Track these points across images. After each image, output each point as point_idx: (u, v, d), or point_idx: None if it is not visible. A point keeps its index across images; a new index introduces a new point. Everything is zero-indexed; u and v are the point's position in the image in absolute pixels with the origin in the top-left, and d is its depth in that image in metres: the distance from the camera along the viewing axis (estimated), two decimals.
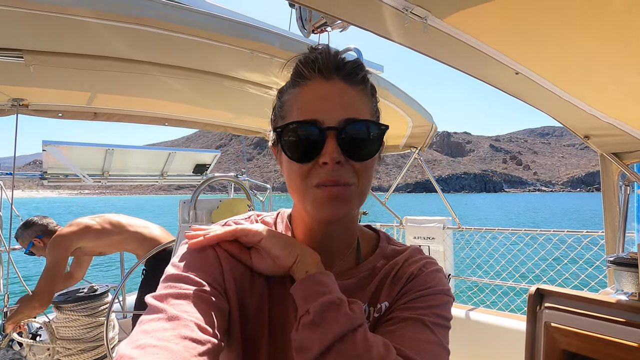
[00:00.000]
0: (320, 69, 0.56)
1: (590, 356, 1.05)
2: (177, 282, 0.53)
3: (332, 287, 0.54)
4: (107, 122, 2.40)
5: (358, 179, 0.56)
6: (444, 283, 0.62)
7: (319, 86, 0.56)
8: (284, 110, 0.60)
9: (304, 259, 0.58)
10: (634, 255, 1.37)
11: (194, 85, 1.91)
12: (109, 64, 1.58)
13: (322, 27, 1.18)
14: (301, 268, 0.57)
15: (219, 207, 2.19)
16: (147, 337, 0.44)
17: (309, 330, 0.50)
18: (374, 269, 0.65)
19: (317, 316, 0.50)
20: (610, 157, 1.93)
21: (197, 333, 0.47)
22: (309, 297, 0.53)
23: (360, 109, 0.57)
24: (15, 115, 2.08)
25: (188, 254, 0.58)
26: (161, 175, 3.60)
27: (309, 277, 0.55)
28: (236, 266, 0.60)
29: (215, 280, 0.56)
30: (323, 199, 0.54)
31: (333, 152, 0.53)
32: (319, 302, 0.51)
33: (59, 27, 1.27)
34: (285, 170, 0.60)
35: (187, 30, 1.31)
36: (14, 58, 1.44)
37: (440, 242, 3.10)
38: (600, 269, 2.72)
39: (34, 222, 2.52)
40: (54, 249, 2.29)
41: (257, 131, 2.99)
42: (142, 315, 0.50)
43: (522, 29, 0.91)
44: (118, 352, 0.43)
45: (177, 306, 0.49)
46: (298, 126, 0.55)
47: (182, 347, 0.44)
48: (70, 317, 2.44)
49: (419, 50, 1.01)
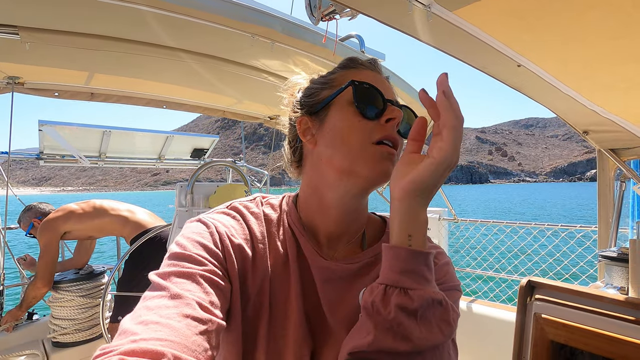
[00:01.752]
0: (370, 64, 0.66)
1: (577, 347, 1.08)
2: (180, 260, 0.53)
3: (432, 277, 0.48)
4: (104, 102, 2.37)
5: (401, 150, 0.61)
6: (454, 277, 0.61)
7: (372, 73, 0.64)
8: (337, 81, 0.64)
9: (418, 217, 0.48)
10: (625, 251, 1.40)
11: (193, 68, 1.88)
12: (107, 44, 1.55)
13: (330, 14, 1.17)
14: (408, 222, 0.48)
15: (216, 192, 2.19)
16: (150, 313, 0.45)
17: (405, 318, 0.45)
18: (379, 255, 0.63)
19: (421, 310, 0.45)
20: (607, 153, 1.94)
21: (199, 312, 0.47)
22: (413, 274, 0.46)
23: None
24: (10, 93, 2.06)
25: (192, 232, 0.59)
26: (158, 158, 3.58)
27: (421, 253, 0.47)
28: (238, 246, 0.60)
29: (217, 260, 0.56)
30: (381, 154, 0.58)
31: (399, 111, 0.60)
32: (428, 294, 0.45)
33: (55, 4, 1.25)
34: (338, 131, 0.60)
35: (188, 12, 1.29)
36: (9, 35, 1.41)
37: (436, 233, 3.13)
38: (592, 263, 2.76)
39: (33, 206, 2.66)
40: (42, 233, 2.42)
41: (256, 117, 2.97)
42: (145, 292, 0.50)
43: (526, 21, 0.90)
44: (121, 327, 0.44)
45: (179, 284, 0.50)
46: (371, 87, 0.60)
47: (184, 325, 0.44)
48: (65, 297, 2.47)
49: (422, 39, 1.00)
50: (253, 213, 0.66)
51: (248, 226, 0.64)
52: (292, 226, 0.65)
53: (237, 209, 0.66)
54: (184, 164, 3.82)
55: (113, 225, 2.59)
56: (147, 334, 0.41)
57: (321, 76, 0.69)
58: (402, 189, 0.48)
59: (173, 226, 2.11)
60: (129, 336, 0.41)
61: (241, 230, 0.62)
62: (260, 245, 0.62)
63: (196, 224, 0.61)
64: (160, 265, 0.54)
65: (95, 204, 2.60)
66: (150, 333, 0.42)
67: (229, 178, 3.77)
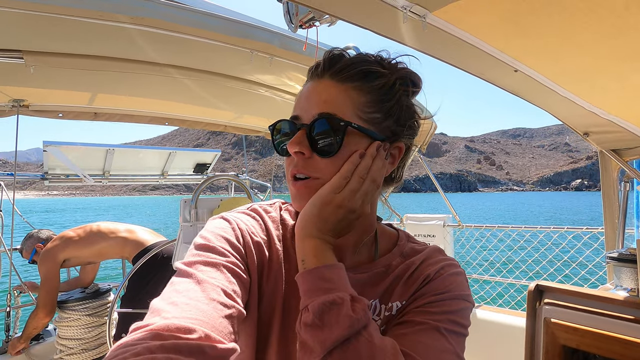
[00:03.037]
0: (315, 72, 0.60)
1: (589, 351, 1.06)
2: (205, 251, 0.55)
3: (336, 283, 0.51)
4: (108, 122, 2.41)
5: (323, 174, 0.57)
6: (464, 287, 0.60)
7: (310, 85, 0.60)
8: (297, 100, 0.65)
9: (304, 245, 0.55)
10: (633, 251, 1.38)
11: (194, 84, 1.91)
12: (109, 64, 1.59)
13: (310, 21, 1.17)
14: (299, 252, 0.55)
15: (219, 207, 2.19)
16: (179, 295, 0.47)
17: (309, 331, 0.48)
18: (389, 266, 0.64)
19: (316, 317, 0.48)
20: (609, 154, 1.93)
21: (223, 297, 0.49)
22: (310, 292, 0.51)
23: (339, 104, 0.56)
24: (15, 116, 2.09)
25: (215, 227, 0.61)
26: (162, 174, 3.61)
27: (309, 271, 0.52)
28: (257, 244, 0.62)
29: (239, 253, 0.58)
30: (295, 193, 0.59)
31: (295, 142, 0.56)
32: (319, 302, 0.49)
33: (58, 28, 1.28)
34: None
35: (187, 30, 1.32)
36: (14, 59, 1.44)
37: (441, 239, 3.11)
38: (600, 265, 2.72)
39: (33, 234, 2.69)
40: (42, 263, 2.42)
41: (258, 130, 3.00)
42: (172, 277, 0.53)
43: (521, 26, 0.91)
44: (152, 306, 0.46)
45: (205, 272, 0.52)
46: (280, 123, 0.62)
47: (212, 308, 0.47)
48: (72, 317, 2.46)
49: (418, 49, 1.01)
50: (271, 217, 0.68)
51: (266, 228, 0.65)
52: None
53: (257, 211, 0.68)
54: (187, 179, 3.84)
55: (112, 249, 2.57)
56: (178, 313, 0.44)
57: None
58: (296, 226, 0.57)
59: (178, 241, 2.11)
60: (161, 313, 0.44)
61: (260, 230, 0.65)
62: (276, 247, 0.64)
63: (219, 221, 0.63)
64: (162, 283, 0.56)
65: (92, 229, 2.57)
66: (180, 312, 0.44)
67: (231, 191, 3.78)
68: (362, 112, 0.58)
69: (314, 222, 0.55)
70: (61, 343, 2.46)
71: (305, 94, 0.60)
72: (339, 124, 0.56)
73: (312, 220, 0.55)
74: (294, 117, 0.60)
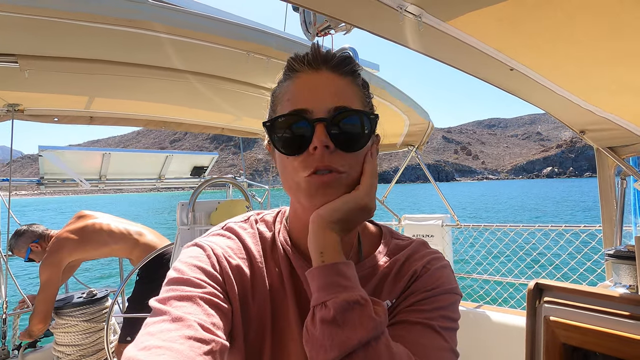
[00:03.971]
0: (309, 61, 0.57)
1: (590, 349, 1.06)
2: (179, 285, 0.53)
3: (354, 282, 0.50)
4: (103, 125, 2.39)
5: (350, 168, 0.55)
6: (451, 280, 0.60)
7: (308, 77, 0.57)
8: (275, 104, 0.60)
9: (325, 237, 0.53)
10: (631, 248, 1.39)
11: (190, 87, 1.90)
12: (104, 68, 1.58)
13: (325, 30, 1.18)
14: (317, 243, 0.52)
15: (217, 209, 2.18)
16: (152, 338, 0.45)
17: (328, 329, 0.46)
18: (375, 266, 0.63)
19: (338, 315, 0.46)
20: (606, 152, 1.94)
21: (201, 332, 0.47)
22: (328, 287, 0.49)
23: (350, 98, 0.57)
24: (10, 120, 2.08)
25: (189, 257, 0.58)
26: (159, 178, 3.59)
27: (329, 266, 0.50)
28: (237, 267, 0.60)
29: (216, 282, 0.56)
30: (315, 186, 0.54)
31: (322, 135, 0.53)
32: (342, 299, 0.47)
33: (53, 32, 1.27)
34: (280, 167, 0.59)
35: (183, 33, 1.31)
36: (8, 63, 1.43)
37: (439, 239, 3.11)
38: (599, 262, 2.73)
39: (24, 230, 2.52)
40: (45, 268, 2.31)
41: (255, 132, 2.99)
42: (147, 319, 0.50)
43: (516, 25, 0.91)
44: (124, 355, 0.44)
45: (180, 308, 0.49)
46: (287, 118, 0.55)
47: (187, 347, 0.44)
48: (69, 323, 2.44)
49: (414, 48, 1.01)
50: (248, 233, 0.66)
51: (244, 246, 0.63)
52: (284, 245, 0.64)
53: (233, 230, 0.65)
54: (185, 182, 3.83)
55: (122, 251, 2.55)
56: (150, 359, 0.41)
57: (273, 89, 0.63)
58: (315, 214, 0.54)
59: (176, 245, 2.10)
60: None
61: (238, 250, 0.62)
62: (258, 264, 0.62)
63: (192, 248, 0.60)
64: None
65: (102, 227, 2.49)
66: (153, 357, 0.42)
67: (229, 194, 3.77)
68: (365, 107, 0.59)
69: (338, 219, 0.53)
70: (58, 349, 2.43)
71: (308, 86, 0.56)
72: (367, 117, 0.56)
73: (337, 216, 0.53)
74: (302, 111, 0.54)
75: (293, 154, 0.55)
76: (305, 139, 0.54)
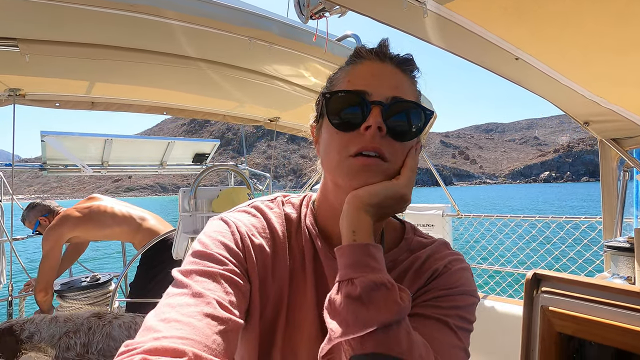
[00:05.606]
0: (377, 52, 0.59)
1: (585, 338, 1.07)
2: (202, 259, 0.55)
3: (382, 266, 0.50)
4: (106, 111, 2.39)
5: (394, 157, 0.56)
6: (470, 283, 0.60)
7: (372, 64, 0.59)
8: (334, 84, 0.62)
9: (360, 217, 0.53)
10: (630, 240, 1.39)
11: (192, 73, 1.89)
12: (106, 53, 1.56)
13: (320, 12, 1.16)
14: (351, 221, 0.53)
15: (219, 196, 2.19)
16: (172, 311, 0.47)
17: (352, 306, 0.46)
18: (395, 261, 0.63)
19: (364, 294, 0.46)
20: (609, 143, 1.93)
21: (219, 311, 0.48)
22: (356, 265, 0.49)
23: (407, 93, 0.58)
24: (12, 105, 2.07)
25: (214, 231, 0.60)
26: (160, 164, 3.60)
27: (361, 245, 0.51)
28: (259, 246, 0.61)
29: (238, 260, 0.57)
30: (358, 167, 0.55)
31: (377, 117, 0.54)
32: (370, 279, 0.47)
33: (54, 15, 1.25)
34: (325, 143, 0.59)
35: (185, 18, 1.30)
36: (9, 47, 1.42)
37: (440, 229, 3.12)
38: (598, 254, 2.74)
39: (37, 203, 2.65)
40: (47, 240, 2.40)
41: (256, 119, 2.98)
42: (168, 288, 0.52)
43: (522, 13, 0.90)
44: (145, 323, 0.45)
45: (201, 283, 0.51)
46: (348, 94, 0.57)
47: (205, 324, 0.46)
48: (73, 306, 2.48)
49: (418, 36, 1.00)
50: (275, 212, 0.67)
51: (269, 225, 0.64)
52: (309, 228, 0.65)
53: (259, 208, 0.66)
54: (186, 169, 3.84)
55: (124, 234, 2.59)
56: (169, 332, 0.43)
57: (330, 76, 0.65)
58: (353, 194, 0.55)
59: (178, 231, 2.11)
60: (152, 333, 0.43)
61: (262, 229, 0.63)
62: (281, 244, 0.63)
63: (218, 222, 0.62)
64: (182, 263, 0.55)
65: (106, 210, 2.54)
66: (172, 331, 0.43)
67: (230, 182, 3.78)
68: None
69: (376, 203, 0.54)
70: None
71: (371, 72, 0.58)
72: (423, 112, 0.58)
73: (376, 200, 0.54)
74: (362, 92, 0.56)
75: (345, 129, 0.56)
76: (360, 117, 0.55)
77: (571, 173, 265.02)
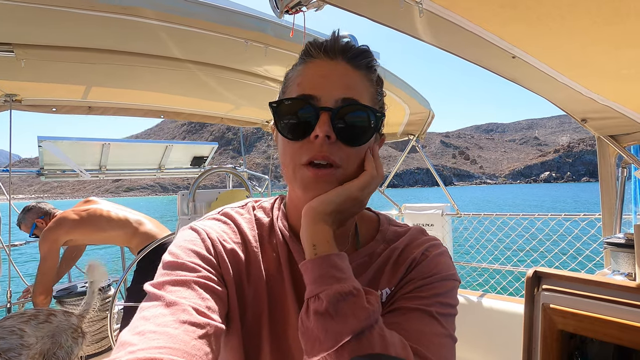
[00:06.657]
0: (326, 49, 0.56)
1: (587, 336, 1.07)
2: (173, 269, 0.53)
3: (347, 273, 0.50)
4: (102, 115, 2.38)
5: (347, 163, 0.55)
6: (449, 267, 0.60)
7: (322, 64, 0.56)
8: (286, 87, 0.60)
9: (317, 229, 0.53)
10: (630, 236, 1.39)
11: (189, 76, 1.89)
12: (101, 57, 1.56)
13: (296, 7, 1.13)
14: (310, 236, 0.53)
15: (217, 199, 2.19)
16: (147, 323, 0.45)
17: (321, 321, 0.46)
18: (372, 254, 0.63)
19: (331, 307, 0.46)
20: (607, 140, 1.93)
21: (196, 317, 0.47)
22: (320, 279, 0.49)
23: (360, 92, 0.56)
24: (8, 111, 2.07)
25: (184, 240, 0.59)
26: (159, 168, 3.59)
27: (322, 258, 0.50)
28: (231, 251, 0.60)
29: (211, 266, 0.56)
30: (309, 179, 0.54)
31: (325, 125, 0.52)
32: (335, 290, 0.47)
33: (49, 20, 1.25)
34: (280, 150, 0.59)
35: (181, 21, 1.30)
36: (4, 52, 1.42)
37: (439, 228, 3.12)
38: (598, 251, 2.75)
39: (33, 206, 2.62)
40: (44, 242, 2.37)
41: (254, 122, 2.98)
42: (141, 303, 0.50)
43: (519, 11, 0.90)
44: (119, 340, 0.44)
45: (174, 292, 0.50)
46: (294, 102, 0.55)
47: (182, 331, 0.44)
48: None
49: (414, 35, 1.00)
50: (245, 218, 0.66)
51: (240, 231, 0.63)
52: (282, 230, 0.64)
53: (229, 215, 0.65)
54: (185, 172, 3.83)
55: (120, 238, 2.56)
56: (144, 344, 0.41)
57: (287, 72, 0.63)
58: (307, 207, 0.54)
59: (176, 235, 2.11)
60: (127, 347, 0.41)
61: (233, 235, 0.62)
62: (253, 249, 0.62)
63: (188, 232, 0.61)
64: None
65: (102, 214, 2.52)
66: (147, 342, 0.42)
67: (229, 184, 3.77)
68: (375, 104, 0.59)
69: (331, 211, 0.53)
70: None
71: (320, 73, 0.56)
72: (373, 114, 0.56)
73: (330, 208, 0.53)
74: (309, 97, 0.54)
75: (294, 138, 0.55)
76: (308, 125, 0.54)
77: (571, 173, 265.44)
